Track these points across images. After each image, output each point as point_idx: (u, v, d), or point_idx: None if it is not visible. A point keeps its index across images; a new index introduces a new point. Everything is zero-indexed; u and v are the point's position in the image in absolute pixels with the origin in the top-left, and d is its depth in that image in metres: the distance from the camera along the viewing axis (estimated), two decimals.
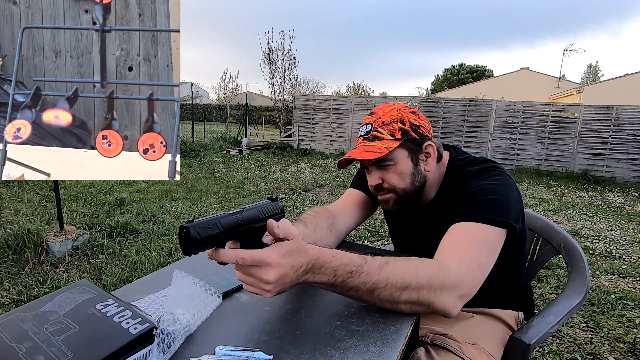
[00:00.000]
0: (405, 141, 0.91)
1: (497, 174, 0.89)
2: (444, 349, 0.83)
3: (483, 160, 0.96)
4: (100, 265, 2.57)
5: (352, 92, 35.30)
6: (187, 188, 5.17)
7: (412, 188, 0.93)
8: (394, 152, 0.90)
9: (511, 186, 0.88)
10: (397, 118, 0.92)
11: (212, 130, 14.76)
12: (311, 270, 0.62)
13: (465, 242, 0.78)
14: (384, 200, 0.96)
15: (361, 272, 0.64)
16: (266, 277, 0.57)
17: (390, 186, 0.93)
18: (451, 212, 0.88)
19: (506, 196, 0.85)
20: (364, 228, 3.70)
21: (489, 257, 0.78)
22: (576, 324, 2.13)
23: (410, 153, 0.92)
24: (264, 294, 0.59)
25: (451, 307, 0.70)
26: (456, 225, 0.82)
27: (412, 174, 0.93)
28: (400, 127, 0.91)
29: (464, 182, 0.90)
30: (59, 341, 0.48)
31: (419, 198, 0.97)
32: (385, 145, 0.89)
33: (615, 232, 4.07)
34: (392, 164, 0.91)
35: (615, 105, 7.93)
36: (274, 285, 0.58)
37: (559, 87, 22.06)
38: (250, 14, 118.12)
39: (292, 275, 0.59)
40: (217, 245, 0.57)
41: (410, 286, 0.67)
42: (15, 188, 4.40)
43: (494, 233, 0.80)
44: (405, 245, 1.14)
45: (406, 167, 0.92)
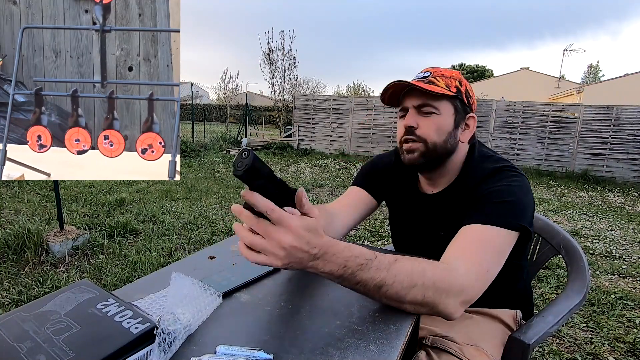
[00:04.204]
0: (456, 98, 0.90)
1: (514, 175, 0.87)
2: (445, 351, 0.83)
3: (498, 158, 0.94)
4: (100, 265, 2.57)
5: (352, 92, 35.30)
6: (187, 188, 5.17)
7: (442, 147, 0.90)
8: (443, 102, 0.88)
9: (527, 189, 0.86)
10: (457, 77, 0.92)
11: (212, 130, 14.76)
12: (323, 257, 0.59)
13: (475, 246, 0.77)
14: (409, 150, 0.91)
15: (370, 267, 0.63)
16: (283, 240, 0.54)
17: (423, 135, 0.89)
18: (462, 208, 0.86)
19: (523, 199, 0.83)
20: (364, 228, 3.70)
21: (496, 264, 0.77)
22: (576, 324, 2.13)
23: (455, 113, 0.90)
24: (273, 260, 0.56)
25: (454, 312, 0.70)
26: (468, 227, 0.80)
27: (448, 133, 0.90)
28: (457, 85, 0.90)
29: (481, 181, 0.88)
30: (60, 341, 0.49)
31: (440, 165, 0.94)
32: (440, 89, 0.87)
33: (615, 232, 4.07)
34: (436, 112, 0.88)
35: (615, 105, 7.93)
36: (286, 253, 0.55)
37: (559, 87, 22.07)
38: (251, 14, 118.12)
39: (304, 252, 0.57)
40: (252, 186, 0.54)
41: (417, 286, 0.66)
42: (15, 188, 4.40)
43: (505, 236, 0.79)
44: (406, 237, 1.10)
45: (447, 122, 0.89)
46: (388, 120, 9.66)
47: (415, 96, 0.89)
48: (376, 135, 9.81)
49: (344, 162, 8.65)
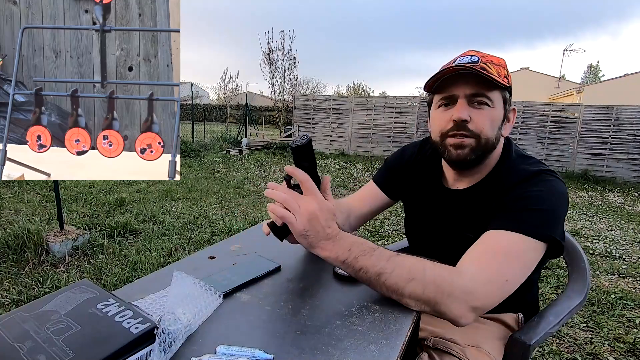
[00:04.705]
0: (506, 89, 0.83)
1: (552, 180, 0.80)
2: (447, 353, 0.82)
3: (537, 161, 0.86)
4: (101, 265, 2.57)
5: (352, 92, 35.30)
6: (187, 188, 5.17)
7: (492, 143, 0.83)
8: (496, 92, 0.81)
9: (564, 197, 0.79)
10: (504, 65, 0.83)
11: (212, 130, 14.76)
12: (333, 239, 0.68)
13: (495, 253, 0.71)
14: (459, 145, 0.82)
15: (372, 255, 0.68)
16: (309, 206, 0.65)
17: (477, 129, 0.80)
18: (492, 207, 0.80)
19: (558, 208, 0.76)
20: (364, 228, 3.70)
21: (518, 274, 0.71)
22: (576, 324, 2.13)
23: (505, 104, 0.84)
24: (296, 223, 0.66)
25: (460, 316, 0.66)
26: (492, 232, 0.74)
27: (498, 127, 0.83)
28: (505, 74, 0.82)
29: (519, 183, 0.80)
30: (60, 341, 0.48)
31: (483, 161, 0.86)
32: (497, 78, 0.78)
33: (615, 232, 4.07)
34: (489, 104, 0.80)
35: (615, 105, 7.93)
36: (308, 219, 0.65)
37: (559, 87, 22.08)
38: (251, 14, 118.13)
39: (321, 227, 0.66)
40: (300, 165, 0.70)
41: (416, 279, 0.66)
42: (15, 188, 4.40)
43: (533, 247, 0.73)
44: (426, 237, 1.01)
45: (499, 115, 0.82)
46: (388, 120, 9.66)
47: (470, 84, 0.79)
48: (376, 135, 9.81)
49: (344, 162, 8.65)
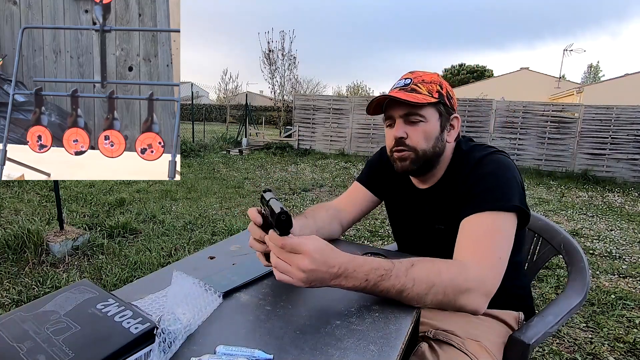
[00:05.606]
0: (440, 103, 0.91)
1: (497, 157, 0.89)
2: (447, 344, 0.83)
3: (483, 147, 0.96)
4: (100, 265, 2.57)
5: (352, 92, 35.30)
6: (187, 188, 5.17)
7: (432, 152, 0.93)
8: (427, 109, 0.90)
9: (512, 166, 0.88)
10: (437, 81, 0.93)
11: (212, 130, 14.76)
12: (344, 274, 0.66)
13: (481, 237, 0.79)
14: (401, 158, 0.94)
15: (390, 276, 0.68)
16: (300, 264, 0.63)
17: (413, 144, 0.91)
18: (455, 200, 0.89)
19: (510, 179, 0.85)
20: (364, 228, 3.70)
21: (504, 249, 0.79)
22: (576, 324, 2.13)
23: (440, 117, 0.92)
24: (296, 282, 0.64)
25: (477, 305, 0.73)
26: (468, 219, 0.82)
27: (436, 138, 0.92)
28: (437, 89, 0.92)
29: (471, 168, 0.90)
30: (59, 341, 0.48)
31: (432, 168, 0.96)
32: (423, 98, 0.89)
33: (615, 232, 4.07)
34: (423, 120, 0.90)
35: (615, 105, 7.93)
36: (307, 275, 0.63)
37: (559, 87, 22.06)
38: (251, 13, 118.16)
39: (324, 272, 0.64)
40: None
41: (436, 285, 0.70)
42: (15, 188, 4.40)
43: (506, 219, 0.81)
44: (406, 233, 1.12)
45: (434, 128, 0.92)
46: None
47: (402, 106, 0.91)
48: (376, 135, 9.81)
49: (344, 162, 8.64)
